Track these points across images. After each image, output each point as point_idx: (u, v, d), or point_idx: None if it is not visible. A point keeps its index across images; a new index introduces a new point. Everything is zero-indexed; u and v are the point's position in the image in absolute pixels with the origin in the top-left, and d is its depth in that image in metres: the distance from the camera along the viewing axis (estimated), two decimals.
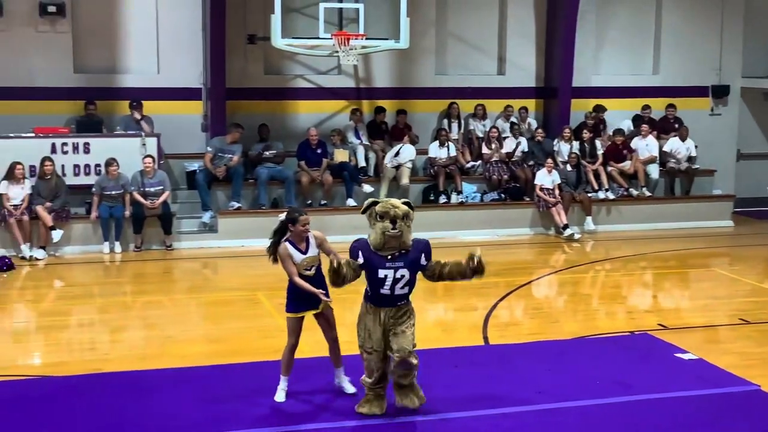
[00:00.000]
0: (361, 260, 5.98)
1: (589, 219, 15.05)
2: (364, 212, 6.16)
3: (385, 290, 5.86)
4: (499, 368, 7.19)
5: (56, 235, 12.78)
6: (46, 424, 5.88)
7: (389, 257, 5.86)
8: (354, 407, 6.23)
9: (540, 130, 15.91)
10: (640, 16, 17.00)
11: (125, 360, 7.64)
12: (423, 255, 6.03)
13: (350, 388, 6.54)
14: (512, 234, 14.83)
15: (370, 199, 6.16)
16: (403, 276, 5.86)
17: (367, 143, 15.45)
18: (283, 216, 6.45)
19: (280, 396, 6.37)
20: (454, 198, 15.13)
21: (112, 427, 5.79)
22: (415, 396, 6.04)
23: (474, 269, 6.13)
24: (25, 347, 8.48)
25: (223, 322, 9.06)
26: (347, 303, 7.13)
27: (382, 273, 5.84)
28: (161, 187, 13.42)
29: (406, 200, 6.15)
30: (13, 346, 8.45)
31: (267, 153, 14.59)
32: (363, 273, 6.01)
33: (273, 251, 6.38)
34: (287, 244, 6.36)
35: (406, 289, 5.94)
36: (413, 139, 15.45)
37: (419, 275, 6.15)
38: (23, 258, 12.38)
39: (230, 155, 14.22)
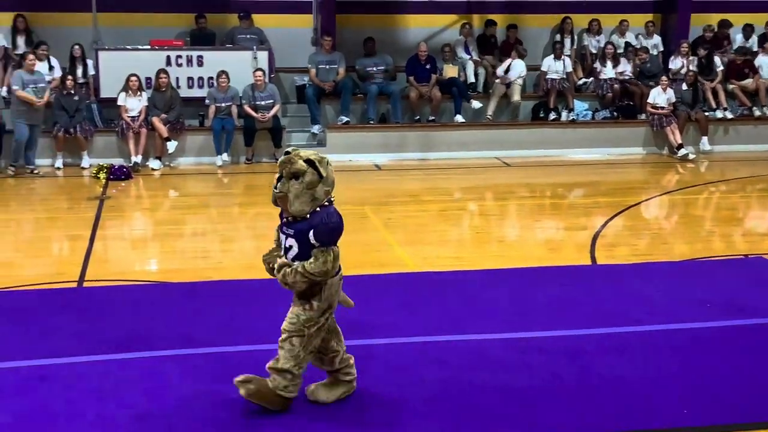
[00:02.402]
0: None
1: (704, 139, 14.60)
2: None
3: (284, 255, 4.79)
4: (606, 288, 7.10)
5: (171, 146, 13.12)
6: (163, 326, 6.10)
7: (285, 219, 4.69)
8: None
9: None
10: None
11: (235, 269, 7.84)
12: (312, 231, 4.53)
13: None
14: (624, 153, 14.51)
15: (292, 147, 4.84)
16: (291, 246, 4.64)
17: (477, 58, 15.23)
18: None
19: None
20: (565, 115, 14.85)
21: (225, 330, 5.97)
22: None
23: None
24: (143, 254, 8.77)
25: None
26: None
27: (280, 234, 4.76)
28: (272, 101, 13.58)
29: (319, 157, 4.63)
30: (132, 253, 8.76)
31: (374, 69, 14.55)
32: None
33: None
34: None
35: (296, 264, 4.64)
36: (521, 54, 15.14)
37: None
38: (135, 167, 12.71)
39: (334, 66, 14.24)
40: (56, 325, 6.06)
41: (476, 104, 14.69)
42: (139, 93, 13.28)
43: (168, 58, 13.80)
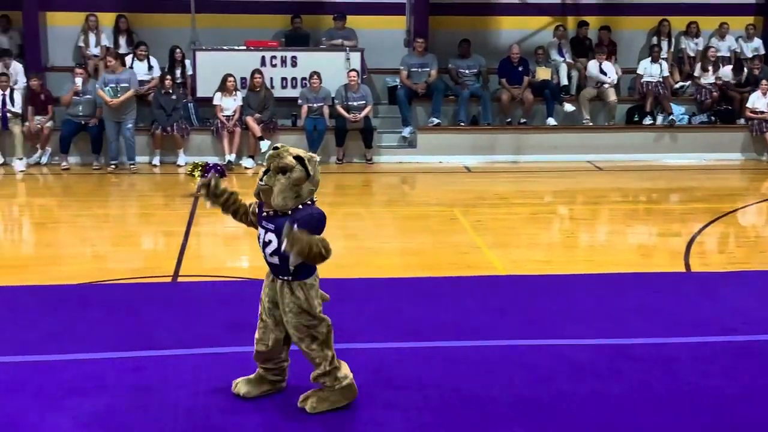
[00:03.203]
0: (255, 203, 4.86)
1: None
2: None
3: (261, 251, 4.83)
4: (700, 296, 6.94)
5: (264, 145, 13.31)
6: (253, 323, 6.20)
7: (265, 213, 4.69)
8: None
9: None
10: None
11: (325, 267, 7.89)
12: (296, 223, 4.45)
13: None
14: (721, 159, 14.16)
15: (280, 144, 4.80)
16: (270, 241, 4.64)
17: (571, 61, 15.06)
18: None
19: None
20: (660, 119, 14.57)
21: None
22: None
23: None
24: (235, 251, 8.93)
25: (419, 236, 9.19)
26: None
27: (260, 228, 4.75)
28: (364, 102, 13.66)
29: (309, 155, 4.63)
30: (225, 250, 8.92)
31: (467, 70, 14.54)
32: None
33: None
34: None
35: (275, 259, 4.65)
36: (611, 56, 14.93)
37: None
38: (228, 165, 12.93)
39: (426, 68, 14.27)
40: (151, 318, 6.22)
41: (569, 107, 14.52)
42: (234, 93, 13.52)
43: (263, 58, 14.02)
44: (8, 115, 13.13)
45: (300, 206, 4.59)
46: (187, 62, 14.10)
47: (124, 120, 13.02)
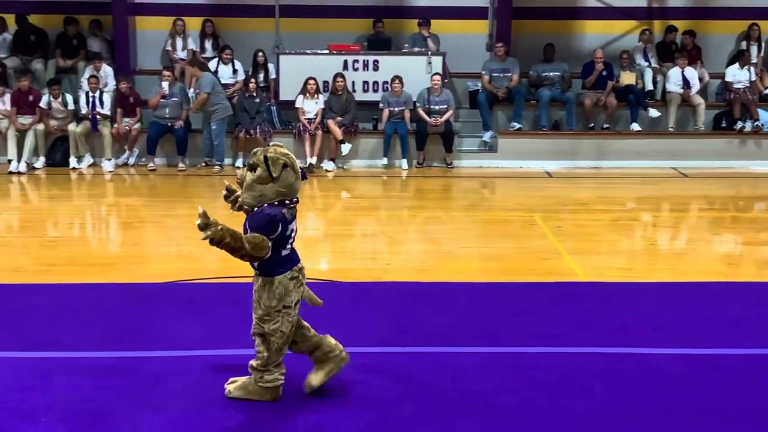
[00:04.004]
0: None
1: None
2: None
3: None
4: None
5: (345, 148, 13.42)
6: (334, 325, 6.24)
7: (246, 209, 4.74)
8: None
9: None
10: None
11: (404, 271, 7.94)
12: (248, 223, 4.61)
13: None
14: None
15: (273, 143, 4.88)
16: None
17: (656, 65, 14.82)
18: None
19: None
20: (749, 126, 14.23)
21: (394, 330, 6.05)
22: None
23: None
24: (314, 253, 9.00)
25: (499, 241, 9.15)
26: None
27: None
28: (445, 106, 13.67)
29: (276, 156, 4.60)
30: (304, 251, 8.96)
31: (550, 74, 14.42)
32: None
33: None
34: None
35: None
36: (696, 61, 14.65)
37: None
38: (310, 168, 13.08)
39: (508, 73, 14.21)
40: (232, 317, 6.31)
41: (654, 112, 14.28)
42: (315, 96, 13.66)
43: (345, 62, 14.13)
44: (98, 117, 13.49)
45: (265, 205, 4.64)
46: (271, 66, 14.30)
47: (211, 120, 13.31)
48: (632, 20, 15.44)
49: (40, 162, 13.44)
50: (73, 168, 13.35)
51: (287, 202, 4.71)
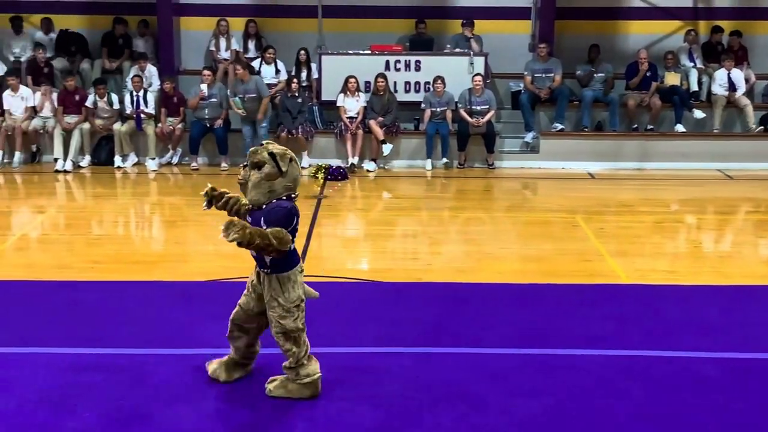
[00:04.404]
0: None
1: None
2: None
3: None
4: None
5: (386, 148, 13.44)
6: (373, 323, 6.25)
7: (248, 208, 4.81)
8: None
9: None
10: None
11: (444, 271, 7.93)
12: (263, 218, 4.65)
13: None
14: None
15: (266, 141, 4.98)
16: None
17: (702, 66, 14.65)
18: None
19: None
20: None
21: (433, 331, 6.06)
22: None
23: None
24: (355, 253, 9.04)
25: (540, 242, 9.10)
26: None
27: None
28: (487, 106, 13.64)
29: (283, 152, 4.70)
30: (345, 251, 9.04)
31: (594, 75, 14.33)
32: None
33: None
34: None
35: (253, 252, 4.71)
36: (743, 62, 14.46)
37: None
38: (351, 168, 13.12)
39: (550, 74, 14.15)
40: None
41: (699, 114, 14.12)
42: (356, 94, 13.70)
43: (387, 62, 14.15)
44: (142, 116, 13.65)
45: (274, 200, 4.68)
46: (313, 66, 14.36)
47: (260, 120, 13.41)
48: (677, 20, 15.28)
49: (85, 161, 13.64)
50: (118, 167, 13.52)
51: (293, 195, 4.77)
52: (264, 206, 4.70)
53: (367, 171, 13.46)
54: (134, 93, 13.72)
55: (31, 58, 14.62)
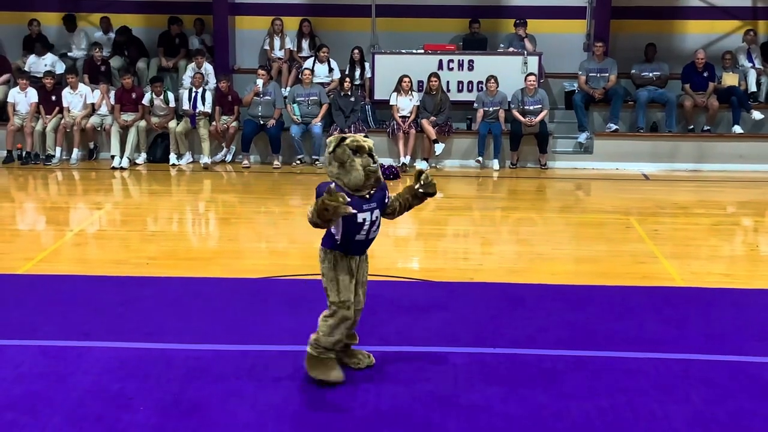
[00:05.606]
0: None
1: None
2: (333, 150, 4.94)
3: (361, 236, 4.99)
4: None
5: (438, 148, 13.42)
6: (425, 324, 6.25)
7: (367, 197, 4.98)
8: None
9: None
10: None
11: (496, 272, 7.90)
12: (386, 191, 5.16)
13: None
14: None
15: (338, 135, 5.03)
16: (378, 217, 5.06)
17: (760, 66, 14.40)
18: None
19: None
20: None
21: (485, 331, 6.04)
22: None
23: (425, 187, 5.48)
24: (406, 252, 9.04)
25: (593, 243, 9.02)
26: None
27: (361, 217, 4.93)
28: (540, 106, 13.55)
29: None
30: (396, 250, 9.05)
31: (650, 74, 14.16)
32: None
33: None
34: None
35: (377, 231, 5.11)
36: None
37: None
38: (403, 167, 13.12)
39: (605, 74, 14.02)
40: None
41: (757, 115, 13.88)
42: (410, 93, 13.70)
43: (440, 62, 14.13)
44: (197, 114, 13.79)
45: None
46: (366, 65, 14.39)
47: (314, 122, 13.52)
48: (735, 20, 15.03)
49: (141, 158, 13.83)
50: (173, 164, 13.68)
51: None
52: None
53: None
54: (194, 89, 13.86)
55: (88, 57, 14.85)
